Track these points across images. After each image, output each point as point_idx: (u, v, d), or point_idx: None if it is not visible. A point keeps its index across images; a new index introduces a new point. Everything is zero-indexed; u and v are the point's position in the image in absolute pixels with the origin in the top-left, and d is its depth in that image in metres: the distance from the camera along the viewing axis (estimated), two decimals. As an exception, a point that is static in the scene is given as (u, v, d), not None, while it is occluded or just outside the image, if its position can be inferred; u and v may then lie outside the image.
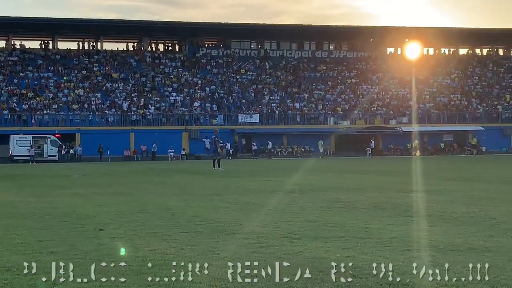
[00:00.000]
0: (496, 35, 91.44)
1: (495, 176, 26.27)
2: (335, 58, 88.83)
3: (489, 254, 8.12)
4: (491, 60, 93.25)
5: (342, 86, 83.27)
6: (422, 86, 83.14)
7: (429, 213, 12.91)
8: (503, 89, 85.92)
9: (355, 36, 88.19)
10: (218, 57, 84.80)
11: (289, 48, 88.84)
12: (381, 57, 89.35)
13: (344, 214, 12.82)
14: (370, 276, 6.87)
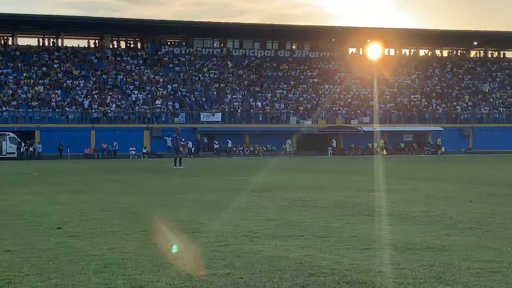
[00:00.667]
0: (456, 37, 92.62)
1: (453, 176, 26.60)
2: (298, 57, 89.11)
3: (445, 252, 8.21)
4: (451, 61, 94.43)
5: (304, 86, 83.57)
6: (383, 87, 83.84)
7: (388, 212, 13.02)
8: (462, 90, 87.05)
9: (317, 36, 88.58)
10: (181, 55, 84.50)
11: (252, 47, 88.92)
12: (343, 57, 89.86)
13: (304, 213, 12.86)
14: (329, 274, 6.90)
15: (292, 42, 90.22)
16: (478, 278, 6.70)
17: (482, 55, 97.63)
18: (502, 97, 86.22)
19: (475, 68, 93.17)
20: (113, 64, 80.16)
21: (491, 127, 79.60)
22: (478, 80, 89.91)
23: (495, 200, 15.16)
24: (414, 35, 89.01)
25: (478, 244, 8.91)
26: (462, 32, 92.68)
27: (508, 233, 9.90)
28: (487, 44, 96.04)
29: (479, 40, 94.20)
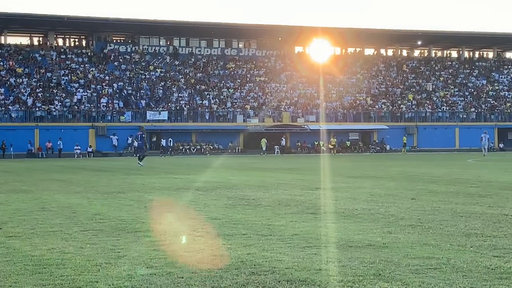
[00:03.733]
0: (400, 36, 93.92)
1: (397, 174, 26.93)
2: (244, 56, 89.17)
3: (386, 250, 8.30)
4: (396, 60, 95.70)
5: (251, 84, 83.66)
6: (329, 85, 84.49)
7: (332, 210, 13.11)
8: (407, 89, 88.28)
9: (264, 34, 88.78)
10: (126, 53, 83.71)
11: (198, 46, 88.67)
12: (289, 56, 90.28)
13: (248, 212, 12.86)
14: (269, 273, 6.90)
15: (239, 41, 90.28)
16: (417, 274, 6.78)
17: (426, 55, 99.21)
18: (445, 96, 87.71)
19: (419, 67, 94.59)
20: (58, 62, 78.98)
21: (435, 126, 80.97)
22: (422, 79, 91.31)
23: (436, 198, 15.40)
24: (360, 34, 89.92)
25: (418, 241, 9.02)
26: (407, 31, 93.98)
27: (448, 230, 10.05)
28: (431, 44, 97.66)
29: (423, 40, 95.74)
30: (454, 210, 12.77)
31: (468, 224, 10.65)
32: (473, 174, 26.13)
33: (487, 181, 21.54)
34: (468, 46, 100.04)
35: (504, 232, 9.75)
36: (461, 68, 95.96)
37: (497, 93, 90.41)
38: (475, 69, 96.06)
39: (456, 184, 19.93)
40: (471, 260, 7.49)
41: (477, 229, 10.07)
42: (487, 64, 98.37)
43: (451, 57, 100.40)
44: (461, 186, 19.29)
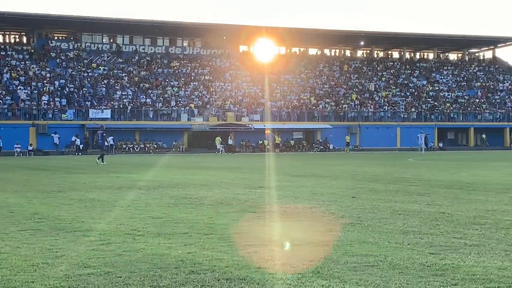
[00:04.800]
0: (344, 37, 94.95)
1: (339, 173, 27.20)
2: (189, 54, 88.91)
3: (325, 248, 8.36)
4: (339, 60, 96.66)
5: (195, 83, 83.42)
6: (274, 84, 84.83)
7: (273, 208, 13.16)
8: (350, 89, 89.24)
9: (208, 33, 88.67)
10: (68, 51, 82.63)
11: (142, 43, 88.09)
12: (234, 55, 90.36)
13: (190, 211, 12.82)
14: (209, 271, 6.90)
15: (183, 39, 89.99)
16: (355, 272, 6.86)
17: (368, 55, 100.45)
18: (387, 96, 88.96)
19: (362, 67, 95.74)
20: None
21: (377, 125, 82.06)
22: (365, 79, 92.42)
23: (376, 196, 15.60)
24: (304, 34, 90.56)
25: (357, 239, 9.12)
26: (350, 32, 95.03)
27: (387, 228, 10.19)
28: (373, 44, 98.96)
29: (366, 40, 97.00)
30: (393, 208, 12.95)
31: (406, 222, 10.82)
32: (413, 173, 26.56)
33: (426, 179, 21.92)
34: (409, 47, 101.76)
35: (441, 229, 9.94)
36: (403, 69, 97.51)
37: (437, 93, 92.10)
38: (416, 70, 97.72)
39: (396, 183, 20.23)
40: (407, 257, 7.61)
41: (415, 227, 10.24)
42: (428, 65, 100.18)
43: (393, 57, 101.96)
44: (401, 184, 19.59)
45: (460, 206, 13.20)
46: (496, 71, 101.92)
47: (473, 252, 7.99)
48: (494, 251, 8.08)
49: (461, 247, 8.35)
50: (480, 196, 15.35)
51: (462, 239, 9.04)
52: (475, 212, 12.13)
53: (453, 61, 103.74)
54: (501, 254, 7.83)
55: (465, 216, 11.55)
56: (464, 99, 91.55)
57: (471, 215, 11.68)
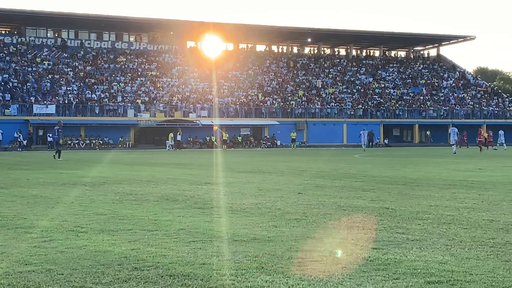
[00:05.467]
0: (291, 34, 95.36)
1: (286, 169, 27.30)
2: (135, 50, 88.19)
3: (270, 243, 8.38)
4: (286, 57, 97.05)
5: (142, 79, 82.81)
6: (221, 81, 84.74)
7: (219, 204, 13.14)
8: (297, 86, 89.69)
9: (155, 28, 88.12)
10: (12, 45, 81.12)
11: (88, 38, 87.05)
12: (181, 51, 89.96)
13: (135, 207, 12.72)
14: (152, 268, 6.85)
15: (130, 34, 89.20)
16: (299, 267, 6.89)
17: (315, 52, 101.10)
18: (334, 93, 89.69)
19: (309, 64, 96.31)
20: None
21: (324, 122, 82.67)
22: (312, 76, 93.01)
23: (322, 192, 15.71)
24: (251, 30, 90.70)
25: (302, 234, 9.17)
26: (297, 29, 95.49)
27: (331, 223, 10.27)
28: (320, 41, 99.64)
29: (313, 38, 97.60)
30: (338, 204, 13.06)
31: (351, 218, 10.92)
32: (358, 169, 26.84)
33: (371, 175, 22.17)
34: (356, 44, 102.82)
35: (384, 225, 10.06)
36: (349, 66, 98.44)
37: (383, 90, 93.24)
38: (362, 67, 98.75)
39: (341, 179, 20.41)
40: (351, 252, 7.68)
41: (359, 222, 10.33)
42: (374, 62, 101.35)
43: (340, 54, 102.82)
44: (347, 180, 19.77)
45: (404, 202, 13.39)
46: (440, 68, 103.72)
47: (415, 246, 8.11)
48: (435, 245, 8.21)
49: (404, 242, 8.46)
50: (424, 192, 15.58)
51: (405, 234, 9.16)
52: (418, 208, 12.31)
53: (398, 59, 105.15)
54: (442, 249, 7.96)
55: (408, 212, 11.71)
56: (409, 96, 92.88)
57: (414, 211, 11.85)
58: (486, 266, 6.91)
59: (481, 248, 7.98)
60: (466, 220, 10.57)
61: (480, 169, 25.71)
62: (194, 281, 6.27)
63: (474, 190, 15.95)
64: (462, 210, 11.91)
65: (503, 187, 16.79)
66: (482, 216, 11.00)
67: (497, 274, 6.47)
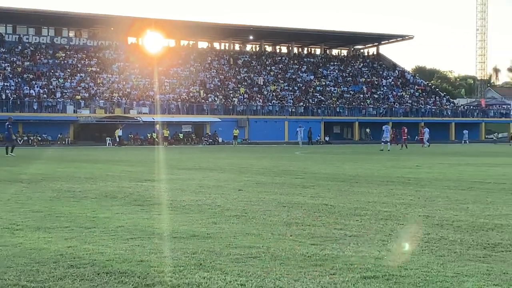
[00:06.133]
0: (233, 31, 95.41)
1: (227, 165, 27.30)
2: (75, 45, 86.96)
3: (209, 240, 8.37)
4: (228, 54, 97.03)
5: (82, 75, 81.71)
6: (163, 77, 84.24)
7: (159, 201, 13.07)
8: (239, 83, 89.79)
9: (96, 24, 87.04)
10: None
11: (26, 33, 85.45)
12: (122, 47, 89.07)
13: (73, 204, 12.55)
14: (89, 265, 6.77)
15: (69, 29, 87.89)
16: (237, 263, 6.90)
17: (257, 49, 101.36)
18: (276, 90, 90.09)
19: (251, 61, 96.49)
20: None
21: (265, 119, 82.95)
22: (254, 73, 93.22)
23: (262, 189, 15.76)
24: (193, 27, 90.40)
25: (241, 231, 9.18)
26: (239, 26, 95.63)
27: (271, 220, 10.31)
28: (262, 39, 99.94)
29: (255, 35, 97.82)
30: (278, 200, 13.12)
31: (290, 214, 10.99)
32: (299, 166, 27.02)
33: (311, 172, 22.34)
34: (298, 42, 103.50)
35: (323, 221, 10.15)
36: (291, 63, 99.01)
37: (324, 88, 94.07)
38: (303, 65, 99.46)
39: (282, 176, 20.52)
40: (289, 249, 7.72)
41: (298, 219, 10.41)
42: (315, 60, 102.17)
43: (282, 52, 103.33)
44: (287, 177, 19.88)
45: (343, 198, 13.53)
46: (380, 67, 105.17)
47: (352, 242, 8.20)
48: (372, 241, 8.32)
49: (341, 238, 8.55)
50: (362, 188, 15.78)
51: (343, 230, 9.26)
52: (356, 204, 12.45)
53: (339, 57, 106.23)
54: (378, 244, 8.07)
55: (346, 208, 11.84)
56: (350, 94, 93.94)
57: (353, 207, 11.99)
58: (420, 261, 7.03)
59: (416, 244, 8.12)
60: (403, 216, 10.75)
61: (417, 166, 26.16)
62: (131, 278, 6.22)
63: (411, 187, 16.22)
64: (399, 206, 12.10)
65: (439, 184, 17.12)
66: (418, 212, 11.19)
67: (431, 269, 6.60)
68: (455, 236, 8.70)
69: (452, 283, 6.00)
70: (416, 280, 6.12)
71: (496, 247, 7.85)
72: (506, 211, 11.33)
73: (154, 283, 6.07)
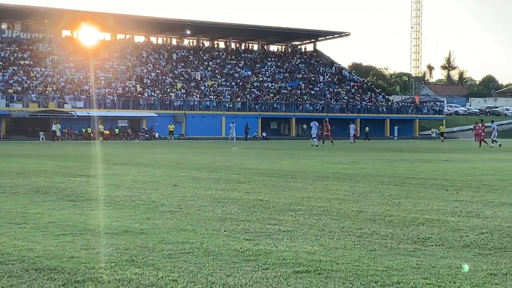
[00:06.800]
0: (170, 25, 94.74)
1: (163, 161, 27.12)
2: (8, 38, 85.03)
3: (142, 236, 8.31)
4: (165, 49, 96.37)
5: (14, 68, 79.94)
6: (98, 71, 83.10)
7: (92, 197, 12.90)
8: (176, 78, 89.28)
9: (29, 16, 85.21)
10: None
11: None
12: (56, 40, 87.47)
13: (3, 200, 12.29)
14: (17, 262, 6.63)
15: (1, 22, 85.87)
16: (170, 259, 6.85)
17: (195, 44, 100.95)
18: (213, 86, 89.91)
19: (188, 56, 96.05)
20: None
21: (202, 114, 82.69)
22: (191, 68, 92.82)
23: (198, 184, 15.72)
24: (129, 21, 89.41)
25: (175, 226, 9.13)
26: (176, 20, 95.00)
27: (205, 215, 10.29)
28: (200, 34, 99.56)
29: (192, 30, 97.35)
30: (213, 196, 13.10)
31: (225, 209, 10.99)
32: (235, 161, 27.04)
33: (247, 168, 22.38)
34: (235, 37, 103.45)
35: (257, 216, 10.17)
36: (228, 59, 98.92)
37: (261, 84, 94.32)
38: (241, 60, 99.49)
39: (218, 171, 20.50)
40: (223, 244, 7.72)
41: (233, 214, 10.41)
42: (252, 55, 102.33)
43: (219, 47, 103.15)
44: (223, 173, 19.87)
45: (278, 194, 13.59)
46: (317, 63, 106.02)
47: (286, 237, 8.24)
48: (306, 236, 8.38)
49: (275, 233, 8.58)
50: (298, 184, 15.88)
51: (277, 225, 9.30)
52: (291, 199, 12.53)
53: (276, 53, 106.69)
54: (311, 239, 8.13)
55: (281, 203, 11.89)
56: (287, 90, 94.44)
57: (287, 202, 12.06)
58: (352, 255, 7.12)
59: (348, 238, 8.22)
60: (337, 211, 10.86)
61: (352, 162, 26.48)
62: (60, 275, 6.12)
63: (345, 182, 16.40)
64: (333, 201, 12.22)
65: (373, 179, 17.37)
66: (352, 207, 11.32)
67: (362, 263, 6.68)
68: (387, 230, 8.83)
69: (382, 277, 6.09)
70: (347, 275, 6.19)
71: (426, 241, 8.00)
72: (437, 206, 11.57)
73: (85, 280, 5.98)
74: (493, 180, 17.01)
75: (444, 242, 7.96)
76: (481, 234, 8.55)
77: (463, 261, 6.80)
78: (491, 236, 8.37)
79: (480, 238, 8.22)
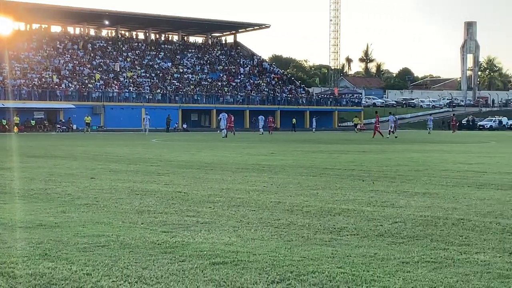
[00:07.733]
0: (88, 15, 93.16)
1: (80, 153, 26.67)
2: None
3: (57, 229, 8.14)
4: (83, 39, 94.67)
5: None
6: (13, 62, 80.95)
7: (5, 190, 12.58)
8: (94, 69, 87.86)
9: None
10: None
11: None
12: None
13: None
14: None
15: None
16: (84, 252, 6.73)
17: (113, 35, 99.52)
18: (132, 77, 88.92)
19: (106, 47, 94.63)
20: None
21: (121, 106, 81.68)
22: (110, 59, 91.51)
23: (116, 177, 15.52)
24: (45, 10, 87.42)
25: (91, 219, 8.99)
26: (94, 10, 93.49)
27: (122, 208, 10.17)
28: (118, 24, 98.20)
29: (111, 20, 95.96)
30: (131, 188, 12.96)
31: (143, 202, 10.88)
32: (155, 153, 26.83)
33: (167, 160, 22.24)
34: (155, 28, 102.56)
35: (175, 208, 10.12)
36: (148, 50, 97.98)
37: (182, 75, 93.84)
38: (161, 52, 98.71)
39: (137, 163, 20.29)
40: (140, 236, 7.64)
41: (151, 206, 10.32)
42: (173, 47, 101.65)
43: (138, 38, 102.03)
44: (142, 165, 19.69)
45: (197, 186, 13.55)
46: (238, 55, 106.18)
47: (203, 229, 8.22)
48: (224, 227, 8.38)
49: (193, 225, 8.55)
50: (217, 176, 15.87)
51: (195, 217, 9.26)
52: (210, 191, 12.51)
53: (197, 44, 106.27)
54: (229, 231, 8.14)
55: (200, 195, 11.87)
56: (208, 82, 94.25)
57: (206, 194, 12.03)
58: (269, 246, 7.15)
59: (266, 229, 8.26)
60: (255, 202, 10.90)
61: (272, 153, 26.65)
62: (-31, 272, 5.93)
63: (265, 174, 16.49)
64: (252, 193, 12.26)
65: (291, 170, 17.52)
66: (270, 198, 11.39)
67: (279, 254, 6.72)
68: (304, 221, 8.92)
69: (298, 267, 6.14)
70: (264, 265, 6.21)
71: (342, 231, 8.12)
72: (353, 196, 11.76)
73: (-5, 275, 5.81)
74: (408, 171, 17.42)
75: (359, 231, 8.10)
76: (395, 223, 8.73)
77: (377, 250, 6.93)
78: (405, 225, 8.56)
79: (394, 227, 8.40)
